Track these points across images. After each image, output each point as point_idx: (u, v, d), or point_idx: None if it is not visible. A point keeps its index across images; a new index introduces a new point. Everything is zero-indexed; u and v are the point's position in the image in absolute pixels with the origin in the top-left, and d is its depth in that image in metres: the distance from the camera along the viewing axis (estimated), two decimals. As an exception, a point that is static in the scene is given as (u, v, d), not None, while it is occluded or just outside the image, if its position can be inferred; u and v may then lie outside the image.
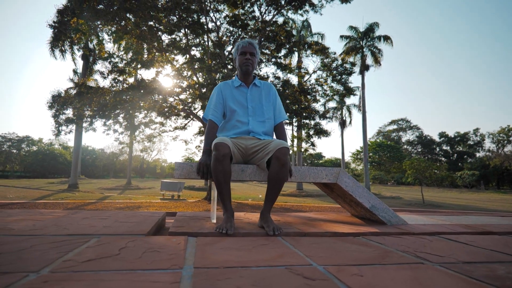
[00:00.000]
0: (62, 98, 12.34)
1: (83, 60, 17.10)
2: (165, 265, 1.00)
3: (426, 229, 1.90)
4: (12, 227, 1.62)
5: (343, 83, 14.28)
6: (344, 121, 31.58)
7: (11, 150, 39.32)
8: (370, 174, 40.79)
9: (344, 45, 24.21)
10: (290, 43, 12.94)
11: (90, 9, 10.17)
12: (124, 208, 9.11)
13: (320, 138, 13.91)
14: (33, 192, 15.41)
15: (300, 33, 22.18)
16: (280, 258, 1.12)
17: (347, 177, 2.05)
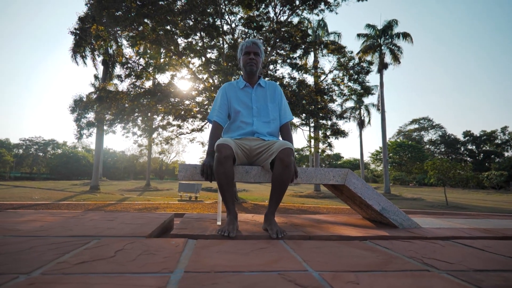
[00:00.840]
0: (83, 103, 12.75)
1: (103, 65, 17.62)
2: (156, 269, 0.98)
3: (440, 233, 1.80)
4: (20, 228, 1.65)
5: (360, 82, 14.01)
6: (363, 121, 30.97)
7: (37, 153, 41.07)
8: (391, 175, 39.80)
9: (362, 43, 23.77)
10: (305, 43, 12.82)
11: (109, 15, 10.47)
12: (142, 209, 9.28)
13: (337, 138, 13.70)
14: (57, 193, 15.98)
15: (316, 32, 21.95)
16: (276, 263, 1.08)
17: (356, 178, 1.97)
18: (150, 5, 10.32)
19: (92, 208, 9.58)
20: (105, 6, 10.51)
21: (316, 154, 23.08)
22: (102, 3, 10.61)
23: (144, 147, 15.51)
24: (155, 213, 2.41)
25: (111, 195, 16.67)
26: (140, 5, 10.34)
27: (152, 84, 12.07)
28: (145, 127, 12.77)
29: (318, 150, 16.28)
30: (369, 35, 23.64)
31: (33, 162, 40.43)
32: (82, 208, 9.44)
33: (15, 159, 40.23)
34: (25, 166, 41.59)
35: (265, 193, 21.06)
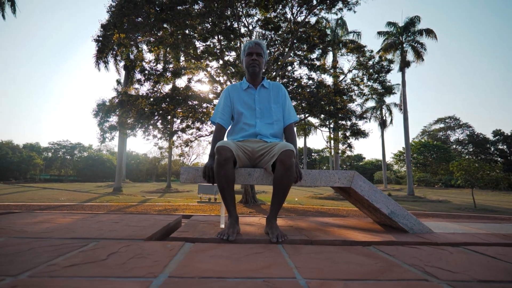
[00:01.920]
0: (106, 107, 13.15)
1: (125, 70, 18.16)
2: (141, 273, 0.98)
3: (452, 238, 1.70)
4: (27, 229, 1.70)
5: (380, 81, 13.66)
6: (384, 121, 30.19)
7: (65, 156, 42.92)
8: (415, 176, 38.50)
9: (382, 42, 23.21)
10: (323, 43, 12.66)
11: (129, 22, 10.77)
12: (162, 210, 9.44)
13: (357, 139, 13.41)
14: (82, 195, 16.58)
15: (335, 32, 21.64)
16: (265, 269, 1.04)
17: (362, 180, 1.90)
18: (168, 10, 10.53)
19: (114, 209, 9.86)
20: (126, 14, 10.83)
21: (336, 155, 22.70)
22: (122, 10, 10.95)
23: (164, 149, 15.82)
24: (162, 215, 2.43)
25: (133, 196, 17.11)
26: (159, 11, 10.58)
27: (171, 88, 12.30)
28: (165, 130, 13.02)
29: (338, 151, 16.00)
30: (390, 33, 23.05)
31: (61, 165, 42.34)
32: (105, 209, 9.73)
33: (44, 162, 42.26)
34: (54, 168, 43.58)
35: (284, 195, 20.90)
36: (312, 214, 9.87)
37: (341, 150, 14.23)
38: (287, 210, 11.02)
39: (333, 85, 13.38)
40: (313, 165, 58.24)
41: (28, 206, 9.84)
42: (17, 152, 37.34)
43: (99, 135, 13.24)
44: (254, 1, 11.94)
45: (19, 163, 36.15)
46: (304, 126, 18.65)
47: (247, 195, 13.61)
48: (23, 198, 13.49)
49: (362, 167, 52.88)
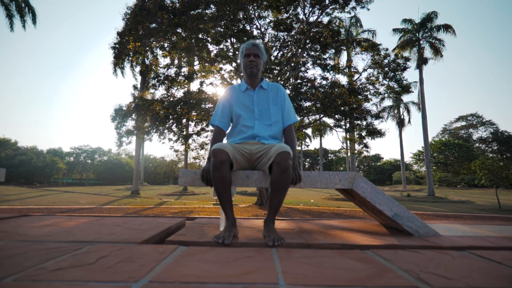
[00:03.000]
0: (123, 111, 13.46)
1: (141, 75, 18.54)
2: (122, 277, 0.97)
3: (458, 242, 1.61)
4: (30, 233, 1.75)
5: (397, 80, 13.35)
6: (402, 120, 29.46)
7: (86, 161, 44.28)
8: (435, 176, 37.33)
9: (398, 39, 22.69)
10: (337, 42, 12.50)
11: (144, 29, 11.02)
12: (178, 213, 9.55)
13: (373, 139, 13.14)
14: (101, 198, 17.01)
15: (348, 31, 21.34)
16: (249, 274, 1.02)
17: (364, 182, 1.84)
18: (181, 15, 10.69)
19: (131, 212, 10.05)
20: (140, 21, 11.09)
21: (352, 155, 22.33)
22: (136, 18, 11.22)
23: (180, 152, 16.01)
24: (166, 218, 2.45)
25: (150, 199, 17.40)
26: (172, 16, 10.75)
27: (185, 91, 12.46)
28: (180, 134, 13.18)
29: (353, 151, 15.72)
30: (406, 29, 22.51)
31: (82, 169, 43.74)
32: (122, 212, 9.93)
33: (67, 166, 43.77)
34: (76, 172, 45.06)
35: (300, 196, 20.77)
36: (328, 216, 9.73)
37: (357, 150, 13.99)
38: (302, 212, 10.92)
39: (348, 85, 13.19)
40: (329, 166, 57.53)
41: (50, 209, 10.16)
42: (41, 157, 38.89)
43: (117, 139, 13.57)
44: (266, 3, 11.95)
45: (43, 168, 37.63)
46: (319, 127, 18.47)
47: (262, 197, 13.58)
48: (45, 202, 13.97)
49: (380, 168, 51.72)
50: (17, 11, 14.77)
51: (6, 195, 16.88)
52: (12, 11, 14.67)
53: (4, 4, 14.48)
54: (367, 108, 12.81)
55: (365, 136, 13.16)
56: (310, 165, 59.77)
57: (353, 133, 14.37)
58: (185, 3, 10.90)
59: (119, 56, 14.67)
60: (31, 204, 12.55)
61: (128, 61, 16.34)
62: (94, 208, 11.25)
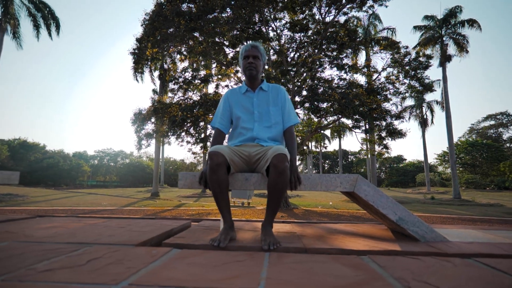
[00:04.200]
0: (142, 115, 13.79)
1: (159, 80, 18.97)
2: (105, 279, 0.98)
3: (466, 248, 1.52)
4: (35, 234, 1.80)
5: (418, 78, 12.94)
6: (425, 119, 28.49)
7: (109, 163, 45.74)
8: (462, 178, 35.81)
9: (419, 36, 22.01)
10: (354, 42, 12.29)
11: (162, 34, 11.29)
12: (195, 214, 9.64)
13: (394, 139, 12.78)
14: (123, 200, 17.46)
15: (367, 29, 20.92)
16: (232, 279, 1.00)
17: (367, 184, 1.78)
18: (198, 19, 10.86)
19: (150, 213, 10.25)
20: (157, 27, 11.36)
21: (372, 157, 21.83)
22: (154, 24, 11.49)
23: (198, 154, 16.20)
24: (172, 220, 2.47)
25: (169, 201, 17.70)
26: (188, 20, 10.93)
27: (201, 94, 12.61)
28: (198, 136, 13.34)
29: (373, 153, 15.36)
30: (427, 26, 21.80)
31: (106, 171, 45.25)
32: (141, 213, 10.15)
33: (91, 169, 45.39)
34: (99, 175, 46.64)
35: (318, 199, 20.51)
36: (346, 219, 9.53)
37: (377, 151, 13.66)
38: (320, 214, 10.76)
39: (367, 85, 12.92)
40: (350, 168, 56.49)
41: (73, 210, 10.54)
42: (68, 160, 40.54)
43: (136, 142, 13.91)
44: (282, 5, 11.92)
45: (69, 170, 39.20)
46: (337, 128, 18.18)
47: (279, 199, 13.49)
48: (70, 203, 14.50)
49: (403, 169, 50.19)
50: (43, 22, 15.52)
51: (34, 196, 17.67)
52: (38, 22, 15.44)
53: (32, 15, 15.26)
54: (387, 108, 12.49)
55: (385, 137, 12.83)
56: (329, 166, 58.93)
57: (372, 134, 14.05)
58: (201, 7, 11.05)
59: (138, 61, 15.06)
60: (56, 206, 13.06)
61: (147, 66, 16.75)
62: (115, 209, 11.56)
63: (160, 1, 11.94)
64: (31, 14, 15.51)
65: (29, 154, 38.88)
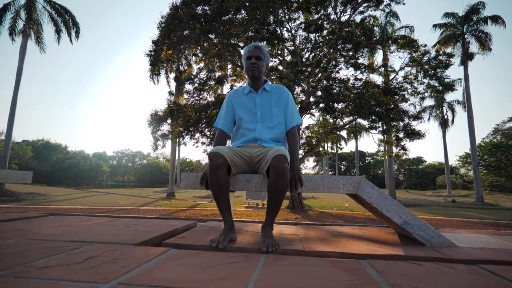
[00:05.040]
0: (158, 116, 14.02)
1: (175, 81, 19.25)
2: (96, 278, 0.99)
3: (474, 254, 1.45)
4: (44, 232, 1.85)
5: (438, 77, 12.57)
6: (446, 120, 27.63)
7: (127, 164, 46.85)
8: (487, 180, 34.46)
9: (439, 34, 21.38)
10: (370, 41, 12.07)
11: (177, 36, 11.46)
12: (209, 215, 9.72)
13: (412, 140, 12.45)
14: (139, 199, 17.82)
15: (384, 28, 20.51)
16: (221, 281, 0.99)
17: (370, 187, 1.73)
18: (212, 21, 10.95)
19: (165, 213, 10.41)
20: (172, 30, 11.55)
21: (390, 158, 21.34)
22: (169, 27, 11.69)
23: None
24: (178, 220, 2.48)
25: (185, 201, 17.91)
26: (203, 23, 11.05)
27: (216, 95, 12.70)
28: (213, 137, 13.43)
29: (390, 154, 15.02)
30: (448, 24, 21.15)
31: (124, 172, 46.40)
32: (157, 213, 10.32)
33: (110, 169, 46.62)
34: (118, 175, 47.84)
35: (334, 200, 20.24)
36: (361, 221, 9.36)
37: (394, 153, 13.35)
38: (335, 217, 10.62)
39: (384, 84, 12.66)
40: (367, 170, 55.43)
41: (91, 209, 10.83)
42: (88, 161, 41.85)
43: (152, 143, 14.14)
44: (296, 5, 11.87)
45: (90, 171, 40.45)
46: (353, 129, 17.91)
47: (294, 200, 13.42)
48: (88, 202, 14.92)
49: (423, 171, 48.80)
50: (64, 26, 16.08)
51: (55, 195, 18.29)
52: (60, 27, 16.01)
53: (53, 20, 15.84)
54: (404, 109, 12.19)
55: (402, 138, 12.53)
56: (346, 168, 58.06)
57: (389, 135, 13.74)
58: (215, 9, 11.14)
59: (154, 63, 15.34)
60: (76, 204, 13.47)
61: (163, 68, 17.05)
62: (131, 209, 11.80)
63: (175, 4, 12.11)
64: (53, 19, 16.11)
65: (51, 154, 40.34)
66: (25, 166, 35.42)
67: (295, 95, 11.92)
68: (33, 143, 40.83)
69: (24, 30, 15.64)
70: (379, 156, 49.44)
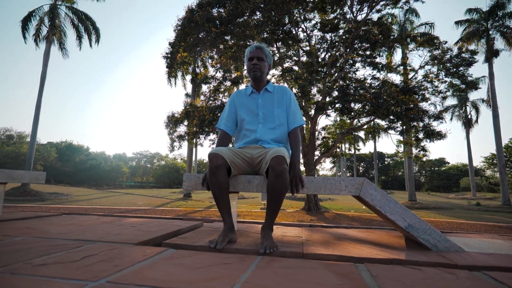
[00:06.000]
0: (174, 118, 14.25)
1: (191, 83, 19.52)
2: (87, 276, 1.01)
3: (480, 260, 1.38)
4: (51, 230, 1.91)
5: (460, 75, 12.13)
6: (469, 120, 26.60)
7: (146, 165, 47.90)
8: (514, 182, 32.90)
9: (462, 31, 20.66)
10: (388, 39, 11.80)
11: (193, 39, 11.64)
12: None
13: (432, 141, 12.07)
14: (157, 200, 18.14)
15: (402, 26, 20.02)
16: (209, 282, 0.99)
17: (373, 189, 1.68)
18: (228, 24, 11.04)
19: (181, 214, 10.54)
20: (188, 33, 11.73)
21: (409, 160, 20.77)
22: (185, 31, 11.87)
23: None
24: (183, 220, 2.50)
25: (201, 202, 18.08)
26: (219, 25, 11.16)
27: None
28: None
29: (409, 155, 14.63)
30: (471, 20, 20.40)
31: (143, 173, 47.51)
32: (173, 213, 10.46)
33: (129, 170, 47.80)
34: (137, 176, 48.99)
35: (351, 202, 19.90)
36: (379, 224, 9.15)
37: (414, 154, 12.99)
38: (351, 219, 10.43)
39: (403, 84, 12.35)
40: (386, 171, 54.17)
41: (110, 209, 11.12)
42: (108, 162, 43.12)
43: (169, 144, 14.38)
44: (312, 5, 11.77)
45: (110, 171, 41.67)
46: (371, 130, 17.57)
47: (310, 202, 13.29)
48: (108, 202, 15.33)
49: (446, 173, 47.20)
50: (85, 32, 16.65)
51: (77, 195, 18.90)
52: (81, 32, 16.58)
53: (75, 27, 16.43)
54: (424, 108, 11.84)
55: (422, 138, 12.17)
56: (364, 169, 56.97)
57: (408, 135, 13.37)
58: (231, 11, 11.22)
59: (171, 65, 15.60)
60: (96, 204, 13.86)
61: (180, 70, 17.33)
62: (148, 209, 12.03)
63: (191, 7, 12.28)
64: (74, 25, 16.70)
65: (74, 155, 41.81)
66: (50, 167, 36.86)
67: (310, 96, 11.81)
68: (57, 144, 42.44)
69: (48, 36, 16.30)
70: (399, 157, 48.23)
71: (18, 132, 40.89)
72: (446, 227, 7.83)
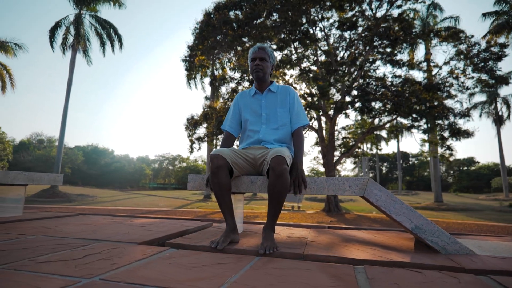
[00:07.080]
0: (194, 120, 14.48)
1: (210, 86, 19.76)
2: (83, 273, 1.04)
3: (491, 264, 1.30)
4: (63, 229, 1.99)
5: (488, 70, 11.54)
6: (500, 116, 25.30)
7: (168, 167, 48.96)
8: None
9: (491, 23, 19.69)
10: (409, 36, 11.44)
11: (210, 42, 11.82)
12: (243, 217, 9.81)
13: (458, 140, 11.56)
14: (178, 201, 18.49)
15: (425, 21, 19.36)
16: (199, 281, 0.99)
17: (378, 189, 1.63)
18: (245, 26, 11.12)
19: (201, 215, 10.69)
20: (206, 37, 11.91)
21: (435, 159, 20.03)
22: (203, 34, 12.06)
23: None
24: (193, 221, 2.53)
25: (221, 203, 18.24)
26: (236, 28, 11.25)
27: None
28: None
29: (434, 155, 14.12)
30: (500, 11, 19.43)
31: (165, 175, 48.59)
32: (193, 214, 10.62)
33: (152, 172, 49.02)
34: (160, 178, 50.14)
35: (374, 204, 19.40)
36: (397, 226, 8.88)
37: (439, 153, 12.51)
38: (373, 220, 10.20)
39: (426, 80, 11.94)
40: (411, 171, 52.47)
41: (132, 210, 11.45)
42: (132, 164, 44.47)
43: (188, 146, 14.63)
44: (329, 3, 11.62)
45: (133, 174, 42.96)
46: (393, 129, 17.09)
47: (330, 203, 13.09)
48: (130, 204, 15.78)
49: (476, 172, 45.11)
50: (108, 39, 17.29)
51: (102, 197, 19.61)
52: (104, 40, 17.24)
53: (98, 34, 17.11)
54: (449, 106, 11.36)
55: (447, 137, 11.68)
56: (387, 170, 55.43)
57: (433, 134, 12.88)
58: (247, 14, 11.28)
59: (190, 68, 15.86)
60: (119, 206, 14.30)
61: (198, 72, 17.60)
62: (169, 210, 12.28)
63: (208, 11, 12.44)
64: (98, 33, 17.38)
65: (100, 158, 43.40)
66: (77, 169, 38.45)
67: (330, 95, 11.65)
68: (84, 148, 44.21)
69: (73, 44, 17.05)
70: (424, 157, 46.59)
71: (48, 137, 43.03)
72: (475, 229, 7.47)
